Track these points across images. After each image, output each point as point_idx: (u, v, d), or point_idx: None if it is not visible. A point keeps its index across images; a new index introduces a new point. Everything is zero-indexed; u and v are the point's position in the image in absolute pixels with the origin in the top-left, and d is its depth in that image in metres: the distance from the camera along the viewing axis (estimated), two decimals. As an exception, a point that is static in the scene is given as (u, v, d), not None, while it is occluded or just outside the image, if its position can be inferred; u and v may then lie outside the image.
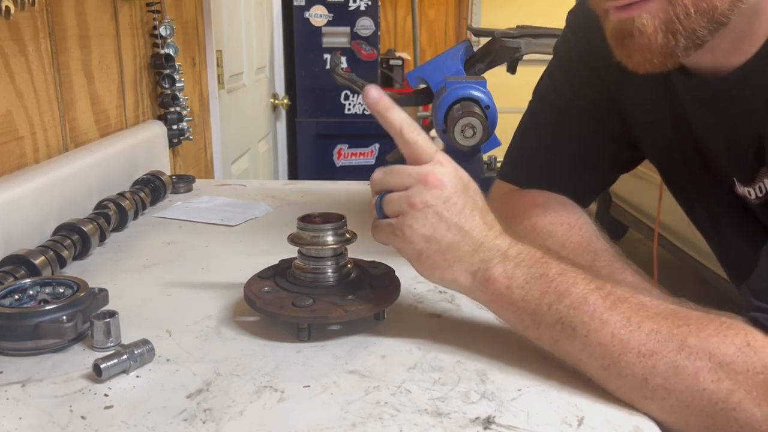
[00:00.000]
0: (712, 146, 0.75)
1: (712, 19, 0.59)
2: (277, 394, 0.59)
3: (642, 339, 0.57)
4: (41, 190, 0.93)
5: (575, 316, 0.59)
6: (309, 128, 3.03)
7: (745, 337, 0.55)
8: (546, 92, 0.89)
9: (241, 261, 0.90)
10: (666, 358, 0.55)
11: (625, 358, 0.57)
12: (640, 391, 0.57)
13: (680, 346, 0.55)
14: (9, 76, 0.92)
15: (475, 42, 1.37)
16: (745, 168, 0.71)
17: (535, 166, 0.88)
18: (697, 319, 0.57)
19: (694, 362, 0.55)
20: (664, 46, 0.61)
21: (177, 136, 1.50)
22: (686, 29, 0.60)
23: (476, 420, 0.56)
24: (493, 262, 0.64)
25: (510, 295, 0.63)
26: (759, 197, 0.71)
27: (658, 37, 0.60)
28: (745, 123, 0.68)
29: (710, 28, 0.60)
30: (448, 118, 1.13)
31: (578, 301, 0.60)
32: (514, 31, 1.17)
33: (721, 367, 0.54)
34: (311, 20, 2.93)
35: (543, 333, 0.62)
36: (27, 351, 0.66)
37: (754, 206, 0.72)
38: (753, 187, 0.71)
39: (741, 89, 0.67)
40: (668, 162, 0.84)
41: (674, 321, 0.57)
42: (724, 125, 0.72)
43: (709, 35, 0.61)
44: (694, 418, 0.55)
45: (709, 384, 0.54)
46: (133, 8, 1.34)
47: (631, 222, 3.93)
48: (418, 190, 0.65)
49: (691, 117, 0.75)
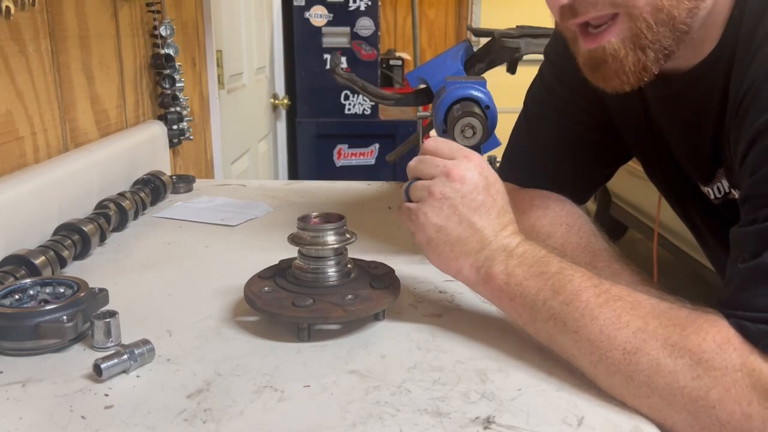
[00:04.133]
0: (674, 145, 0.77)
1: (674, 29, 0.63)
2: (277, 394, 0.59)
3: (628, 337, 0.57)
4: (41, 190, 0.93)
5: (567, 312, 0.61)
6: (309, 128, 3.03)
7: (726, 334, 0.55)
8: (538, 92, 0.90)
9: (241, 261, 0.90)
10: (648, 356, 0.56)
11: (611, 354, 0.58)
12: (628, 388, 0.57)
13: (663, 344, 0.56)
14: (9, 76, 0.92)
15: (475, 42, 1.36)
16: (703, 168, 0.73)
17: (533, 164, 0.89)
18: (684, 318, 0.58)
19: (675, 360, 0.55)
20: (636, 64, 0.64)
21: (177, 136, 1.50)
22: (652, 41, 0.63)
23: (476, 420, 0.56)
24: (497, 260, 0.66)
25: (508, 291, 0.65)
26: (718, 197, 0.72)
27: (629, 57, 0.64)
28: (701, 122, 0.70)
29: (674, 37, 0.63)
30: (448, 118, 1.13)
31: (571, 298, 0.61)
32: (514, 31, 1.17)
33: (699, 364, 0.55)
34: (311, 20, 2.93)
35: (539, 328, 0.64)
36: (27, 351, 0.66)
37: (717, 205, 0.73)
38: (711, 187, 0.72)
39: (695, 88, 0.69)
40: (645, 159, 0.86)
41: (662, 320, 0.58)
42: (682, 124, 0.74)
43: (674, 44, 0.64)
44: (677, 416, 0.55)
45: (689, 381, 0.55)
46: (133, 8, 1.34)
47: (631, 222, 3.93)
48: (441, 181, 0.68)
49: (654, 115, 0.78)
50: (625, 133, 0.85)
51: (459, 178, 0.68)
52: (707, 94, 0.68)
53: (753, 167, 0.58)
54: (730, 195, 0.71)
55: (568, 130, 0.86)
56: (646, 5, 0.62)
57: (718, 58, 0.66)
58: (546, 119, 0.88)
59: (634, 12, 0.62)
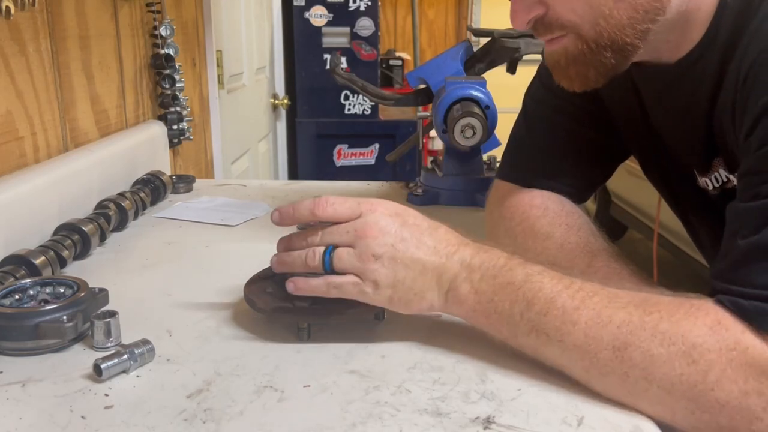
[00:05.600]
0: (668, 137, 0.77)
1: (619, 50, 0.65)
2: (277, 394, 0.59)
3: (614, 333, 0.57)
4: (41, 190, 0.93)
5: (546, 322, 0.60)
6: (309, 128, 3.03)
7: (716, 316, 0.55)
8: (537, 91, 0.91)
9: (241, 261, 0.90)
10: (640, 348, 0.56)
11: (601, 355, 0.57)
12: (624, 386, 0.57)
13: (653, 333, 0.56)
14: (9, 76, 0.92)
15: (475, 42, 1.37)
16: (700, 158, 0.73)
17: (532, 164, 0.89)
18: (668, 304, 0.58)
19: (668, 348, 0.55)
20: (577, 75, 0.69)
21: (177, 136, 1.50)
22: (593, 62, 0.66)
23: (476, 420, 0.56)
24: (458, 279, 0.65)
25: (482, 310, 0.64)
26: (716, 188, 0.72)
27: (570, 70, 0.69)
28: (693, 112, 0.70)
29: (617, 57, 0.66)
30: (448, 118, 1.13)
31: (546, 307, 0.60)
32: (513, 31, 1.18)
33: (694, 348, 0.55)
34: (311, 20, 2.93)
35: (522, 342, 0.63)
36: (27, 351, 0.66)
37: (714, 198, 0.73)
38: (709, 177, 0.72)
39: (685, 79, 0.70)
40: (642, 154, 0.86)
41: (645, 309, 0.58)
42: (676, 115, 0.74)
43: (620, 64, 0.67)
44: (678, 404, 0.55)
45: (684, 368, 0.55)
46: (133, 8, 1.34)
47: (631, 222, 3.93)
48: (362, 244, 0.66)
49: (648, 108, 0.78)
50: (622, 129, 0.85)
51: (377, 232, 0.66)
52: (696, 84, 0.68)
53: (760, 141, 0.57)
54: (728, 184, 0.71)
55: (567, 129, 0.87)
56: (591, 30, 0.65)
57: (705, 49, 0.66)
58: (544, 119, 0.88)
59: (580, 33, 0.66)
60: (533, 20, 0.68)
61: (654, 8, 0.64)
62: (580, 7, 0.64)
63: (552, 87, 0.88)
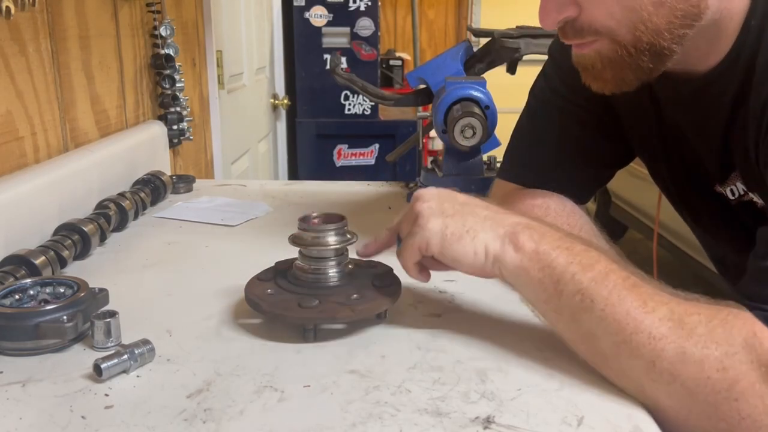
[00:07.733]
0: (687, 147, 0.77)
1: (657, 54, 0.65)
2: (277, 394, 0.59)
3: (655, 322, 0.57)
4: (41, 190, 0.93)
5: (595, 289, 0.60)
6: (309, 128, 3.03)
7: (752, 328, 0.56)
8: (541, 91, 0.90)
9: (241, 261, 0.90)
10: (674, 344, 0.56)
11: (636, 337, 0.57)
12: (648, 373, 0.57)
13: (689, 333, 0.56)
14: (9, 76, 0.92)
15: (475, 42, 1.36)
16: (716, 169, 0.73)
17: (534, 164, 0.89)
18: (707, 309, 0.58)
19: (701, 350, 0.55)
20: (614, 78, 0.68)
21: (177, 136, 1.50)
22: (631, 65, 0.66)
23: (476, 420, 0.56)
24: (518, 228, 0.66)
25: (538, 260, 0.64)
26: (733, 199, 0.72)
27: (606, 73, 0.67)
28: (713, 124, 0.70)
29: (654, 61, 0.66)
30: (448, 118, 1.13)
31: (600, 276, 0.61)
32: (513, 32, 1.17)
33: (727, 357, 0.55)
34: (311, 20, 2.93)
35: (563, 303, 0.62)
36: (27, 351, 0.66)
37: (733, 205, 0.73)
38: (725, 189, 0.73)
39: (707, 91, 0.70)
40: (652, 159, 0.86)
41: (686, 309, 0.58)
42: (695, 126, 0.74)
43: (656, 68, 0.66)
44: (697, 406, 0.55)
45: (713, 373, 0.54)
46: (133, 8, 1.34)
47: (631, 222, 3.93)
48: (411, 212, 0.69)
49: (666, 116, 0.78)
50: (632, 133, 0.85)
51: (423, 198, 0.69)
52: (718, 97, 0.68)
53: None
54: (745, 197, 0.71)
55: (570, 130, 0.86)
56: (628, 34, 0.64)
57: (731, 64, 0.66)
58: (548, 119, 0.88)
59: (616, 38, 0.65)
60: (563, 21, 0.67)
61: (692, 13, 0.63)
62: (618, 11, 0.64)
63: (557, 88, 0.88)
